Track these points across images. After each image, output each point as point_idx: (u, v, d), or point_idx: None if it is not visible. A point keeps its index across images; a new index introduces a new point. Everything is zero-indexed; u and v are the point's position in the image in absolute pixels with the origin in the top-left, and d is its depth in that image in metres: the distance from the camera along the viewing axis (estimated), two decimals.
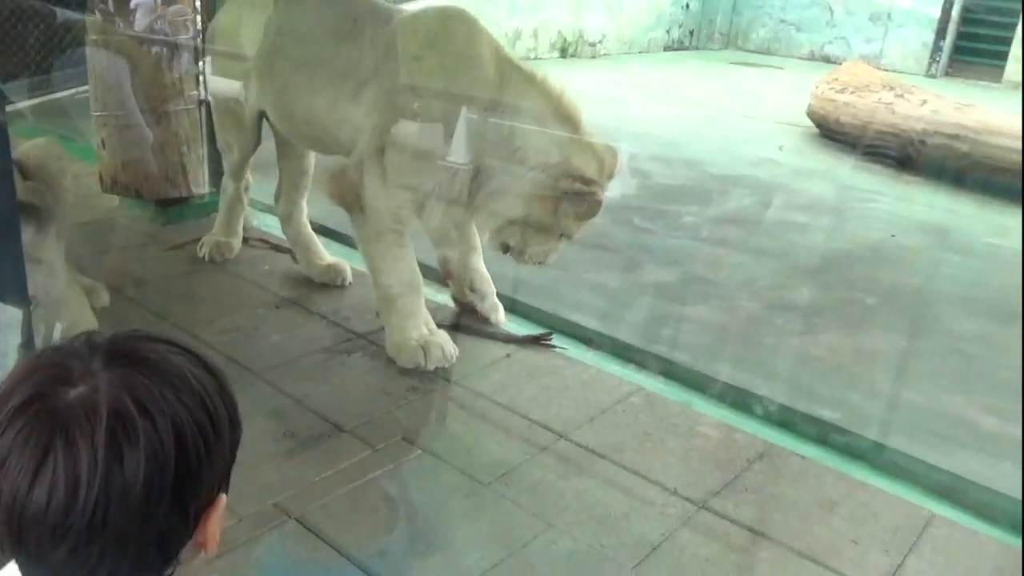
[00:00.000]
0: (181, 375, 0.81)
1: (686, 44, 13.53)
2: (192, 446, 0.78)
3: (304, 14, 3.08)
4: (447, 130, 2.69)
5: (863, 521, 2.29)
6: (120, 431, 0.75)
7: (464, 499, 2.26)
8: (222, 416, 0.83)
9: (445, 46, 2.74)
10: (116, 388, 0.77)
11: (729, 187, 5.79)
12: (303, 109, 3.01)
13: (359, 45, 2.86)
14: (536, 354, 3.10)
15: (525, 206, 2.69)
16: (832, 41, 12.85)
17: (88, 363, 0.80)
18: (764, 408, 2.83)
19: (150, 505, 0.76)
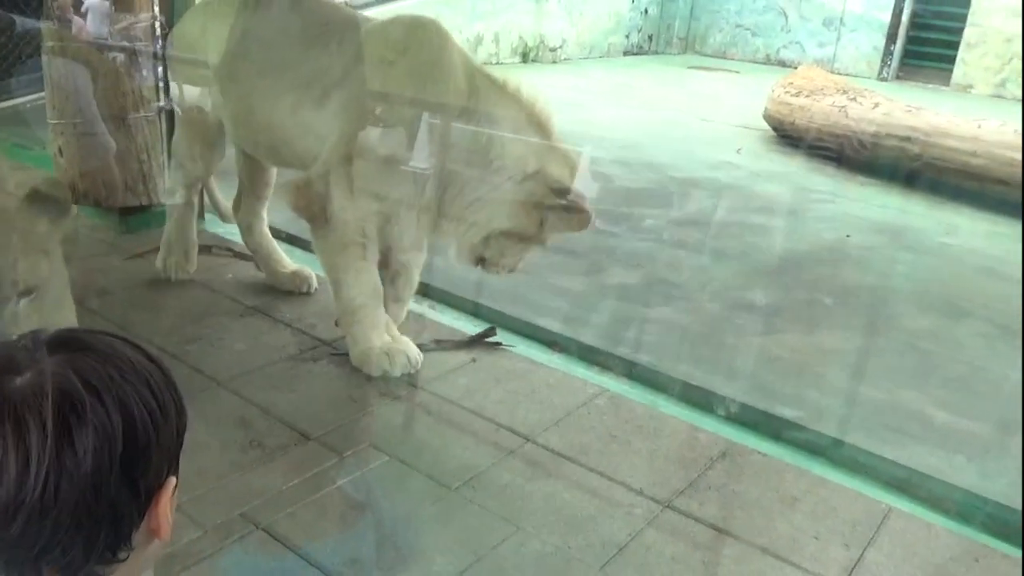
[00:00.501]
0: (125, 358, 0.83)
1: (645, 48, 13.69)
2: (140, 421, 0.80)
3: (269, 20, 3.05)
4: (417, 138, 2.69)
5: (823, 516, 2.34)
6: (68, 408, 0.77)
7: (432, 504, 2.27)
8: (167, 399, 0.85)
9: (416, 54, 2.72)
10: (63, 369, 0.79)
11: (689, 189, 5.88)
12: (263, 115, 2.97)
13: (326, 51, 2.83)
14: (501, 358, 3.12)
15: (511, 217, 2.68)
16: (787, 45, 13.11)
17: (33, 353, 0.82)
18: (726, 408, 2.88)
19: (100, 478, 0.77)
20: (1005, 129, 5.81)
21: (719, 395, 2.93)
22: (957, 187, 5.94)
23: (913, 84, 11.82)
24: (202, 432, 2.43)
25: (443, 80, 2.68)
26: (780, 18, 13.12)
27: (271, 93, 2.92)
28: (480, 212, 2.70)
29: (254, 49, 3.00)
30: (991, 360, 3.48)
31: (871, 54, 12.35)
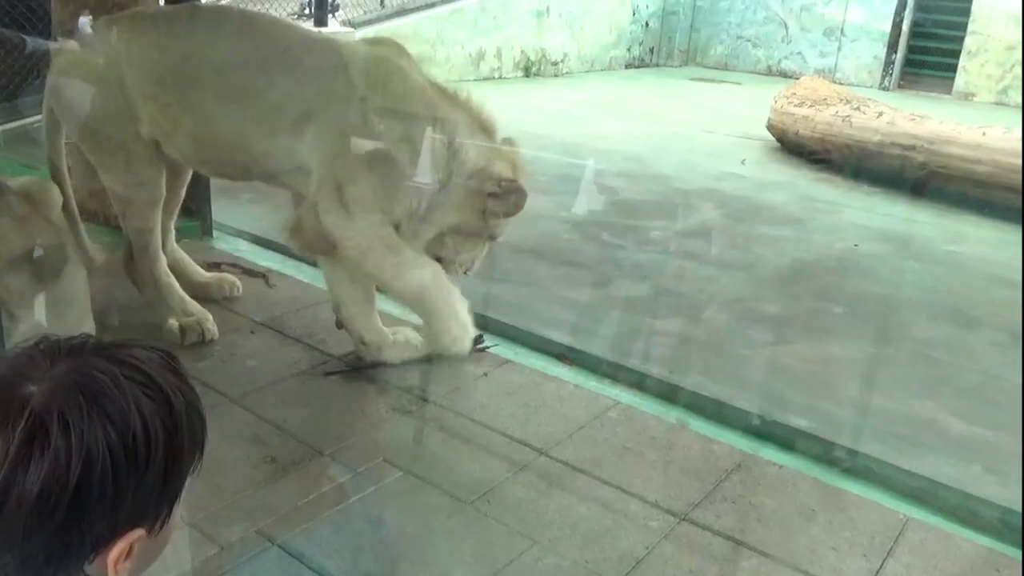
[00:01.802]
0: (124, 409, 0.82)
1: (647, 62, 13.74)
2: (100, 477, 0.80)
3: (217, 42, 2.92)
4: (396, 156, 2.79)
5: (841, 527, 2.33)
6: (36, 442, 0.78)
7: (447, 519, 2.26)
8: (152, 458, 0.84)
9: (384, 87, 2.81)
10: (51, 400, 0.80)
11: (695, 201, 5.88)
12: (233, 139, 2.89)
13: (295, 77, 2.80)
14: (512, 372, 3.11)
15: (458, 213, 2.88)
16: (788, 56, 13.15)
17: (50, 366, 0.83)
18: (740, 419, 2.87)
19: (41, 517, 0.78)
20: (1009, 136, 5.81)
21: (732, 406, 2.92)
22: (962, 195, 5.93)
23: (915, 93, 11.84)
24: (216, 449, 2.40)
25: (411, 105, 2.83)
26: (781, 29, 13.18)
27: (239, 118, 2.86)
28: (432, 211, 2.86)
29: (209, 70, 2.88)
30: (1005, 369, 3.46)
31: (872, 64, 12.38)
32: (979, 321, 4.00)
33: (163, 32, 2.95)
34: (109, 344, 0.89)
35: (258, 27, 3.00)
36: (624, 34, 13.22)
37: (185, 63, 2.89)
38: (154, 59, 2.90)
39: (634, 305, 3.97)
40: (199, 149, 2.99)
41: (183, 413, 0.88)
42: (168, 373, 0.89)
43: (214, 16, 3.05)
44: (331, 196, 2.77)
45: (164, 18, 3.05)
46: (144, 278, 3.22)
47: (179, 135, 2.94)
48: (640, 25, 13.44)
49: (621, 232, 5.04)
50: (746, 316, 3.87)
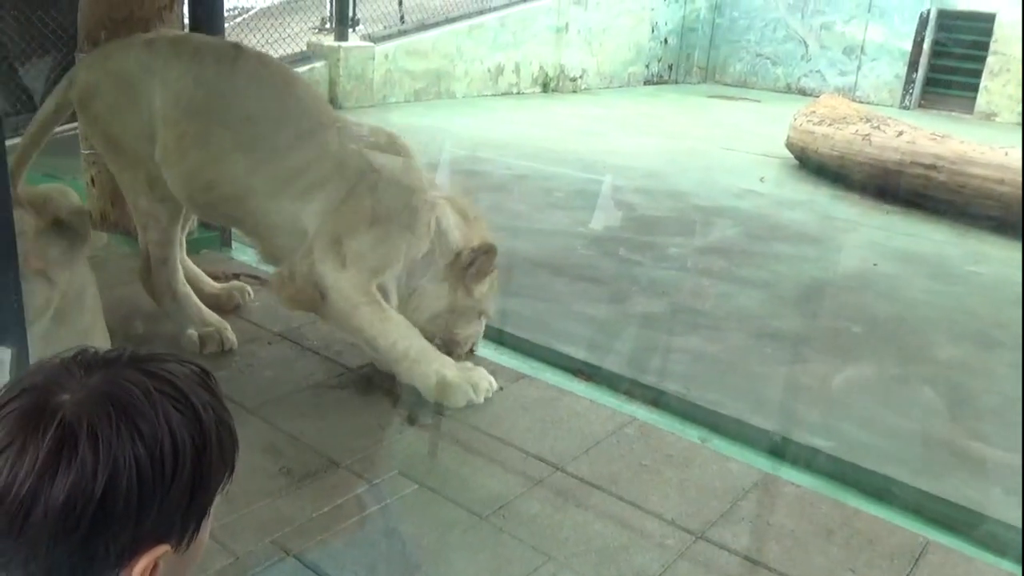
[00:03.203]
0: (153, 423, 0.83)
1: (665, 78, 13.77)
2: (125, 491, 0.80)
3: (252, 92, 2.98)
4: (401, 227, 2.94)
5: (860, 549, 2.30)
6: (64, 452, 0.79)
7: (462, 533, 2.26)
8: (179, 474, 0.84)
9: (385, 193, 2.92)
10: (82, 411, 0.81)
11: (713, 218, 5.87)
12: (233, 186, 2.94)
13: (318, 152, 2.92)
14: (529, 386, 3.11)
15: (448, 294, 3.03)
16: (807, 74, 13.14)
17: (84, 378, 0.85)
18: (757, 437, 2.84)
19: (65, 529, 0.79)
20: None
21: (750, 424, 2.90)
22: (984, 215, 5.88)
23: (936, 112, 11.78)
24: None
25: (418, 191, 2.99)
26: (800, 47, 13.17)
27: (252, 169, 2.91)
28: (424, 296, 3.03)
29: (236, 116, 2.94)
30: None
31: (892, 82, 12.34)
32: (1001, 343, 3.95)
33: (203, 64, 2.98)
34: (145, 357, 0.90)
35: (296, 91, 3.06)
36: (643, 51, 13.26)
37: (215, 101, 2.94)
38: (187, 88, 2.93)
39: (651, 321, 3.95)
40: (196, 187, 2.99)
41: (213, 429, 0.88)
42: (201, 389, 0.90)
43: (257, 65, 3.06)
44: (328, 247, 2.85)
45: (208, 51, 3.06)
46: (162, 290, 3.26)
47: (182, 168, 2.97)
48: (659, 42, 13.47)
49: (638, 248, 5.03)
50: (764, 334, 3.84)
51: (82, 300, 2.53)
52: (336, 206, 2.87)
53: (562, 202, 6.08)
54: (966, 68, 11.81)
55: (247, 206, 2.96)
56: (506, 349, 3.46)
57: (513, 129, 8.81)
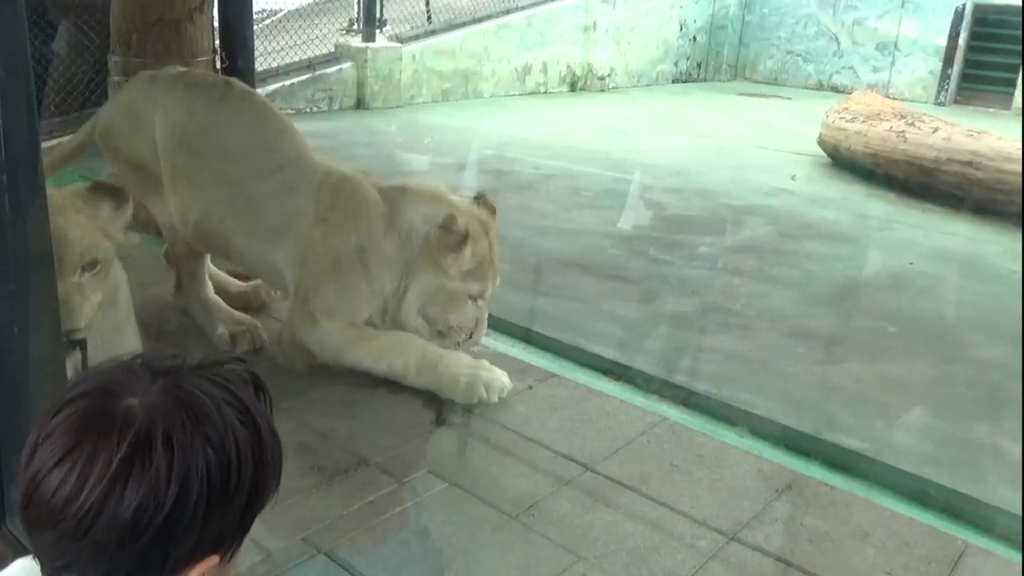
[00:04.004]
0: (221, 432, 0.83)
1: (694, 76, 13.66)
2: (195, 499, 0.81)
3: (230, 127, 3.08)
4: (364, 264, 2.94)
5: (896, 551, 2.25)
6: (138, 458, 0.79)
7: (492, 532, 2.25)
8: (241, 485, 0.85)
9: (338, 205, 2.97)
10: (156, 417, 0.81)
11: (743, 217, 5.81)
12: (215, 221, 3.06)
13: (283, 192, 3.01)
14: (558, 386, 3.09)
15: (421, 279, 2.93)
16: (839, 71, 12.96)
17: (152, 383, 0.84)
18: (790, 437, 2.80)
19: (132, 534, 0.79)
20: None
21: (782, 424, 2.86)
22: None
23: (972, 108, 11.56)
24: None
25: (367, 219, 2.96)
26: (832, 44, 13.00)
27: (229, 206, 3.03)
28: (408, 295, 2.96)
29: (215, 151, 3.05)
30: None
31: (927, 79, 12.14)
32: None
33: (194, 97, 3.11)
34: (205, 364, 0.90)
35: (271, 127, 3.14)
36: (671, 49, 13.17)
37: (201, 135, 3.05)
38: (180, 120, 3.07)
39: (681, 320, 3.92)
40: (188, 220, 3.13)
41: (269, 441, 0.89)
42: (255, 398, 0.90)
43: (239, 102, 3.16)
44: (301, 310, 2.97)
45: (201, 85, 3.20)
46: (193, 302, 3.35)
47: (176, 200, 3.12)
48: (688, 40, 13.37)
49: (668, 247, 4.99)
50: (796, 333, 3.79)
51: (115, 297, 2.56)
52: (300, 258, 2.96)
53: (591, 201, 6.05)
54: (1003, 63, 11.57)
55: (232, 244, 3.09)
56: (535, 348, 3.44)
57: (541, 128, 8.79)
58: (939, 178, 6.26)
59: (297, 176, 3.04)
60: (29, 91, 1.79)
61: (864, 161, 6.91)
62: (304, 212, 2.98)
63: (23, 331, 1.83)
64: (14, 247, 1.79)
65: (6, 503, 1.92)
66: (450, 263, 2.90)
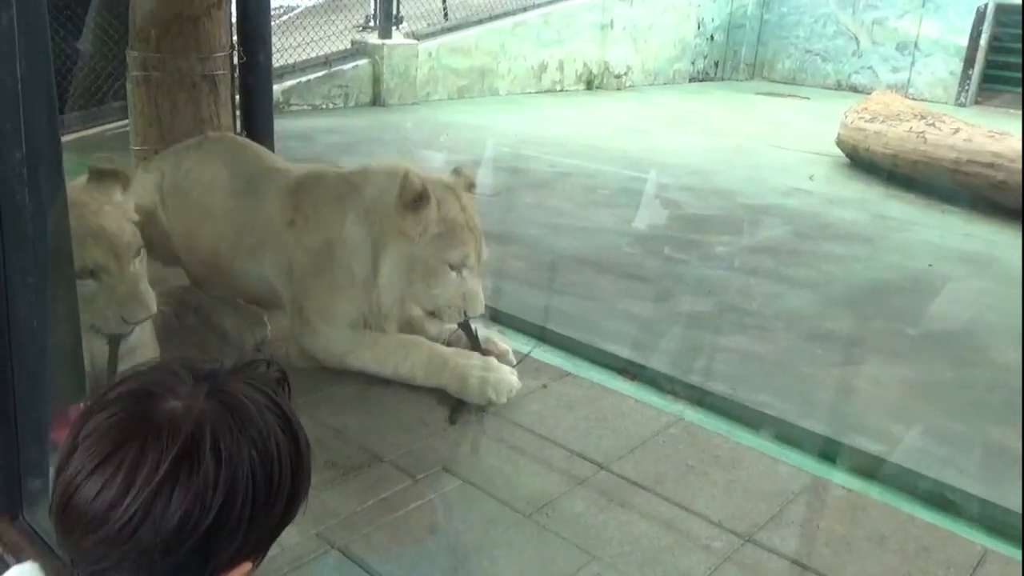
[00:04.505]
0: (265, 438, 0.83)
1: (711, 75, 13.59)
2: (240, 504, 0.80)
3: (209, 165, 3.23)
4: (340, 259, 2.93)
5: (915, 556, 2.23)
6: (186, 462, 0.78)
7: (505, 530, 2.24)
8: (281, 491, 0.85)
9: (309, 208, 2.99)
10: (204, 421, 0.80)
11: (761, 216, 5.77)
12: (209, 256, 3.16)
13: (253, 205, 3.08)
14: (572, 385, 3.08)
15: (395, 254, 2.85)
16: (859, 71, 12.85)
17: (195, 385, 0.83)
18: (807, 440, 2.78)
19: (177, 540, 0.78)
20: None
21: (799, 426, 2.84)
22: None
23: (993, 109, 11.44)
24: None
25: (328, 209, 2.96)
26: (851, 43, 12.89)
27: (217, 238, 3.13)
28: (388, 278, 2.89)
29: (199, 189, 3.19)
30: None
31: (947, 79, 12.02)
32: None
33: (178, 153, 3.35)
34: (242, 367, 0.90)
35: (243, 155, 3.28)
36: (688, 47, 13.10)
37: (185, 180, 3.23)
38: (170, 178, 3.28)
39: (697, 320, 3.89)
40: (189, 260, 3.24)
41: (305, 452, 0.89)
42: (290, 406, 0.90)
43: (214, 142, 3.38)
44: (298, 320, 3.00)
45: (182, 145, 3.42)
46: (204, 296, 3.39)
47: (177, 241, 3.24)
48: (705, 38, 13.31)
49: (684, 246, 4.97)
50: (814, 335, 3.76)
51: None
52: (286, 267, 3.00)
53: (607, 200, 6.03)
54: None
55: (230, 273, 3.15)
56: (550, 347, 3.43)
57: (557, 126, 8.78)
58: (959, 179, 6.19)
59: (265, 186, 3.10)
60: (50, 88, 1.80)
61: (883, 162, 6.85)
62: (274, 218, 3.02)
63: (42, 325, 1.84)
64: (34, 241, 1.80)
65: (23, 495, 1.93)
66: (412, 225, 2.77)
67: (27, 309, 1.80)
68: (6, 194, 1.73)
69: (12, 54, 1.68)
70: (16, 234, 1.76)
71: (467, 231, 2.85)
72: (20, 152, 1.73)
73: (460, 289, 2.86)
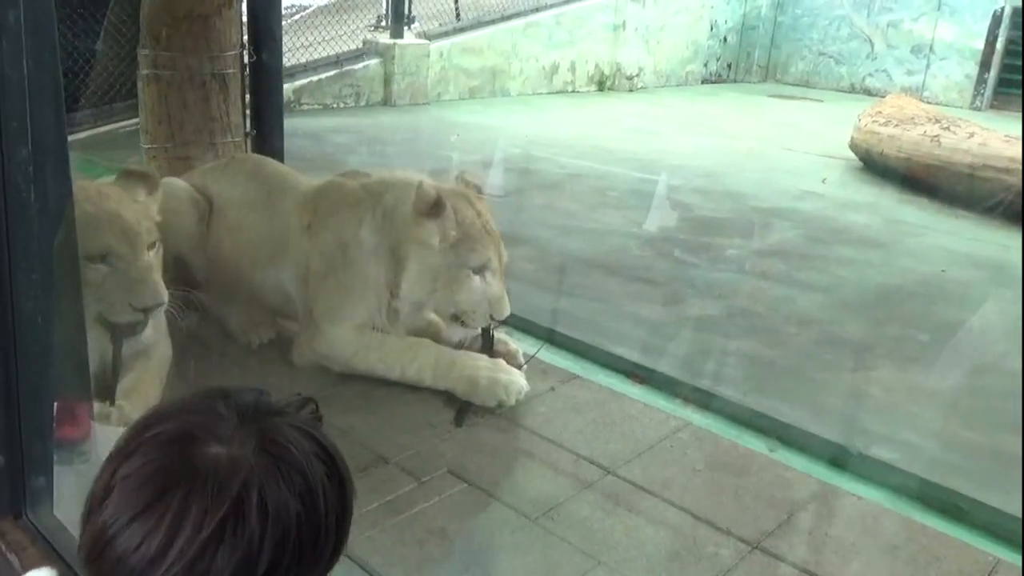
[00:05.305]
0: (314, 493, 0.79)
1: (724, 77, 13.53)
2: (287, 563, 0.76)
3: (235, 182, 3.31)
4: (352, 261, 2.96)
5: (925, 566, 2.20)
6: (231, 520, 0.74)
7: (511, 534, 2.22)
8: (327, 543, 0.81)
9: (324, 212, 3.04)
10: (251, 476, 0.76)
11: (772, 220, 5.73)
12: (232, 267, 3.19)
13: (274, 216, 3.14)
14: (580, 387, 3.06)
15: (414, 260, 2.87)
16: (873, 74, 12.76)
17: (239, 428, 0.79)
18: (817, 446, 2.75)
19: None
20: None
21: (809, 432, 2.81)
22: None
23: (1009, 114, 11.31)
24: None
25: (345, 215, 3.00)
26: (865, 46, 12.80)
27: (239, 249, 3.18)
28: (404, 290, 2.91)
29: (227, 205, 3.27)
30: None
31: (963, 83, 11.92)
32: None
33: (206, 175, 3.42)
34: (285, 404, 0.86)
35: (264, 171, 3.35)
36: (701, 49, 13.05)
37: (218, 198, 3.29)
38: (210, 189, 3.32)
39: (707, 324, 3.86)
40: (215, 272, 3.24)
41: (351, 498, 0.85)
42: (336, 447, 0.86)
43: (239, 162, 3.50)
44: (307, 322, 3.02)
45: (211, 166, 3.54)
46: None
47: (207, 252, 3.26)
48: (718, 40, 13.25)
49: (695, 249, 4.94)
50: (824, 340, 3.73)
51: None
52: (301, 274, 3.02)
53: (616, 201, 6.00)
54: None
55: (252, 282, 3.16)
56: (558, 349, 3.41)
57: (568, 128, 8.75)
58: (974, 184, 6.13)
59: (285, 197, 3.17)
60: (57, 85, 1.79)
61: (897, 166, 6.78)
62: (292, 226, 3.07)
63: (47, 321, 1.84)
64: (39, 237, 1.79)
65: (27, 493, 1.93)
66: (431, 233, 2.81)
67: (32, 306, 1.80)
68: (12, 191, 1.73)
69: (19, 51, 1.67)
70: (22, 231, 1.76)
71: (485, 235, 2.90)
72: (26, 149, 1.72)
73: (485, 294, 2.88)
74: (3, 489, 1.89)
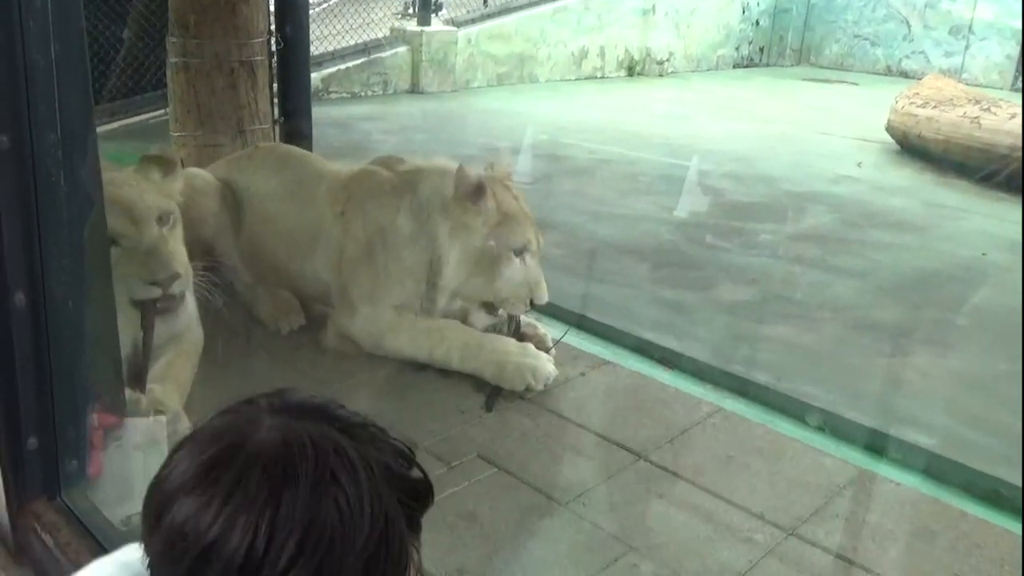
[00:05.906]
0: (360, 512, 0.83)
1: (756, 61, 13.34)
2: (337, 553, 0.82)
3: (264, 174, 3.35)
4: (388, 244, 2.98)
5: (966, 553, 2.14)
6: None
7: (541, 519, 2.20)
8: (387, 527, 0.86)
9: (356, 197, 3.07)
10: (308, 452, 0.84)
11: (806, 204, 5.64)
12: (268, 256, 3.24)
13: (306, 204, 3.18)
14: (611, 373, 3.03)
15: (451, 246, 2.88)
16: (910, 55, 12.50)
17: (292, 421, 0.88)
18: (854, 432, 2.69)
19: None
20: None
21: (845, 418, 2.76)
22: None
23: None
24: None
25: (381, 200, 3.02)
26: (902, 27, 12.54)
27: (274, 240, 3.23)
28: (449, 269, 2.91)
29: (257, 198, 3.31)
30: None
31: (1003, 63, 11.63)
32: None
33: (232, 165, 3.48)
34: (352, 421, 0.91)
35: (292, 160, 3.40)
36: (733, 33, 12.87)
37: (242, 189, 3.34)
38: (228, 188, 3.35)
39: (740, 309, 3.81)
40: (251, 260, 3.29)
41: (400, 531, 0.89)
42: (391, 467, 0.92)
43: (264, 152, 3.52)
44: (341, 303, 3.04)
45: (235, 156, 3.59)
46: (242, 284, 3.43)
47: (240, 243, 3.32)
48: (750, 23, 13.06)
49: (727, 234, 4.87)
50: (861, 325, 3.65)
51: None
52: (336, 260, 3.05)
53: (647, 187, 5.94)
54: None
55: (287, 270, 3.23)
56: (589, 335, 3.38)
57: (597, 113, 8.68)
58: (1015, 166, 5.97)
59: (315, 184, 3.20)
60: (84, 68, 1.79)
61: (935, 148, 6.64)
62: (325, 214, 3.10)
63: (77, 306, 1.85)
64: (69, 223, 1.80)
65: (61, 475, 1.94)
66: (474, 216, 2.85)
67: (63, 291, 1.81)
68: (41, 176, 1.73)
69: (46, 35, 1.67)
70: (52, 216, 1.77)
71: (524, 216, 2.93)
72: (55, 134, 1.73)
73: (525, 277, 2.90)
74: (37, 471, 1.91)
